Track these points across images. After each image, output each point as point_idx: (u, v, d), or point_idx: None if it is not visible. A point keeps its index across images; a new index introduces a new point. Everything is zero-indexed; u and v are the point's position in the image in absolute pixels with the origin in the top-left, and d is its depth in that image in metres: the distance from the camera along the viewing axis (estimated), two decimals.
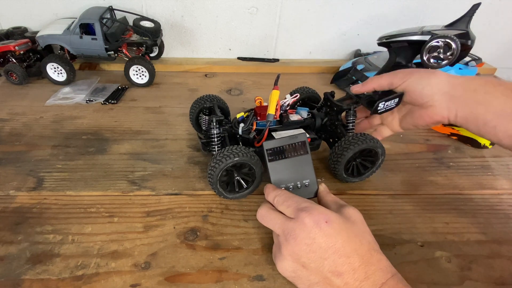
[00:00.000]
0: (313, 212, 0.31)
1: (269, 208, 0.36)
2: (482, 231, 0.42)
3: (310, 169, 0.40)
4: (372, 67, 0.75)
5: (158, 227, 0.41)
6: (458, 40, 0.51)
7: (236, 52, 0.93)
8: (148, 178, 0.49)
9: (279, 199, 0.35)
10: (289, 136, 0.39)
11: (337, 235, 0.30)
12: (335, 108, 0.49)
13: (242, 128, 0.46)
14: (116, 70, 0.84)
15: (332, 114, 0.50)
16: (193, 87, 0.78)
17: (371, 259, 0.30)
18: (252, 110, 0.48)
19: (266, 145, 0.39)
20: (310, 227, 0.30)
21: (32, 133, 0.58)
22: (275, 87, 0.43)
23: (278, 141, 0.39)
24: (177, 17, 0.85)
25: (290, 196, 0.35)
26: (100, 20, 0.69)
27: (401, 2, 0.86)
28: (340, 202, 0.36)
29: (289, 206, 0.33)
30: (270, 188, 0.37)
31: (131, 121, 0.63)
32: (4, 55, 0.74)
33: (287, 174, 0.39)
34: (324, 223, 0.30)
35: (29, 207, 0.43)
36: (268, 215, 0.35)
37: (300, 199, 0.34)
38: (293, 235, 0.31)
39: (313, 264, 0.30)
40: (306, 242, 0.30)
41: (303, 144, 0.39)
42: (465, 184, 0.50)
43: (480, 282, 0.36)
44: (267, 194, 0.37)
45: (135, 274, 0.35)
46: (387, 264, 0.30)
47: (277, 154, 0.39)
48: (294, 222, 0.32)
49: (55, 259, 0.36)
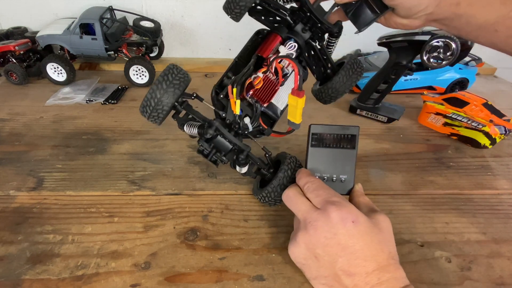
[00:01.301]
0: (342, 209, 0.30)
1: (298, 191, 0.34)
2: (482, 231, 0.42)
3: (351, 165, 0.37)
4: (372, 67, 0.75)
5: (158, 227, 0.41)
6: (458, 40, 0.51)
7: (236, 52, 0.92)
8: (148, 178, 0.49)
9: (310, 185, 0.34)
10: (340, 126, 0.37)
11: (359, 237, 0.29)
12: (323, 28, 0.39)
13: (251, 125, 0.38)
14: (116, 70, 0.84)
15: (315, 33, 0.40)
16: (193, 87, 0.78)
17: (388, 267, 0.29)
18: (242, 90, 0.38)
19: (313, 128, 0.36)
20: (334, 222, 0.29)
21: (32, 133, 0.58)
22: (301, 93, 0.33)
23: (327, 128, 0.37)
24: (177, 17, 0.85)
25: (323, 186, 0.34)
26: (100, 20, 0.69)
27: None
28: (373, 206, 0.35)
29: (318, 196, 0.32)
30: (304, 173, 0.36)
31: (131, 121, 0.63)
32: (4, 55, 0.74)
33: (326, 164, 0.37)
34: (350, 222, 0.29)
35: (29, 207, 0.43)
36: (294, 198, 0.34)
37: (332, 191, 0.33)
38: (314, 225, 0.30)
39: (327, 257, 0.29)
40: (325, 236, 0.30)
41: (353, 138, 0.37)
42: (465, 184, 0.50)
43: (480, 282, 0.36)
44: (299, 178, 0.36)
45: (135, 274, 0.35)
46: (402, 275, 0.29)
47: (322, 140, 0.37)
48: (319, 213, 0.31)
49: (55, 259, 0.36)
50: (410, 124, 0.64)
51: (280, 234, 0.40)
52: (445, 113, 0.59)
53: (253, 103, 0.38)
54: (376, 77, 0.63)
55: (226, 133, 0.36)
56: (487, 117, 0.57)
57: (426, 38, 0.53)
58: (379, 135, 0.61)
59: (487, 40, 0.38)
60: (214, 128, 0.36)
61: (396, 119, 0.64)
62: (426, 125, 0.63)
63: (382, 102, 0.66)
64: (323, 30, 0.40)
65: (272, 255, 0.38)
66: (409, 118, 0.66)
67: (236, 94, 0.35)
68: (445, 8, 0.37)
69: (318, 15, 0.39)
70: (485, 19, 0.36)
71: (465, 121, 0.57)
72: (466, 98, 0.61)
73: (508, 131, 0.56)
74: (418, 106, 0.69)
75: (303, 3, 0.38)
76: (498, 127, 0.55)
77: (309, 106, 0.45)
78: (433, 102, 0.62)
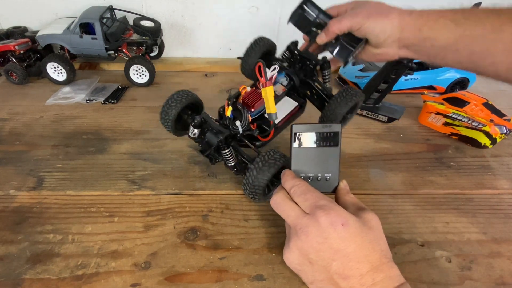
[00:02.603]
0: (330, 212, 0.30)
1: (285, 196, 0.34)
2: (482, 231, 0.42)
3: (335, 163, 0.37)
4: (372, 67, 0.75)
5: (158, 226, 0.41)
6: None
7: (236, 52, 0.92)
8: (148, 177, 0.49)
9: (297, 189, 0.34)
10: (322, 124, 0.37)
11: (351, 239, 0.29)
12: (310, 64, 0.47)
13: (242, 127, 0.43)
14: (116, 70, 0.84)
15: (307, 70, 0.47)
16: (193, 87, 0.78)
17: (381, 266, 0.29)
18: (235, 100, 0.43)
19: (295, 128, 0.36)
20: (324, 227, 0.30)
21: (32, 133, 0.58)
22: (268, 83, 0.39)
23: (309, 127, 0.36)
24: (177, 17, 0.85)
25: (309, 189, 0.33)
26: (100, 20, 0.69)
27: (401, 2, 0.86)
28: (360, 204, 0.35)
29: (306, 200, 0.32)
30: (289, 175, 0.36)
31: (131, 120, 0.63)
32: (4, 54, 0.74)
33: (310, 163, 0.37)
34: (340, 225, 0.29)
35: (29, 206, 0.43)
36: (283, 204, 0.34)
37: (319, 194, 0.33)
38: (305, 231, 0.30)
39: (321, 262, 0.30)
40: (317, 241, 0.30)
41: (336, 135, 0.37)
42: (465, 184, 0.50)
43: (480, 282, 0.36)
44: (284, 181, 0.36)
45: (135, 273, 0.35)
46: (396, 273, 0.29)
47: (304, 140, 0.37)
48: (308, 219, 0.31)
49: (55, 258, 0.36)
50: (410, 124, 0.64)
51: (280, 234, 0.40)
52: (446, 112, 0.59)
53: (241, 109, 0.43)
54: (376, 77, 0.63)
55: (210, 120, 0.43)
56: (488, 116, 0.57)
57: None
58: (379, 135, 0.61)
59: (453, 60, 0.40)
60: (201, 116, 0.43)
61: (396, 119, 0.64)
62: (426, 125, 0.63)
63: (383, 102, 0.66)
64: (313, 64, 0.47)
65: (272, 255, 0.38)
66: (410, 118, 0.66)
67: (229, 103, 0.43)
68: (410, 34, 0.41)
69: (305, 54, 0.47)
70: (446, 40, 0.39)
71: (465, 121, 0.57)
72: (467, 98, 0.61)
73: (509, 130, 0.56)
74: (418, 106, 0.69)
75: (292, 51, 0.48)
76: (498, 126, 0.55)
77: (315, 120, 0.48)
78: (433, 102, 0.62)
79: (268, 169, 0.38)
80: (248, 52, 0.49)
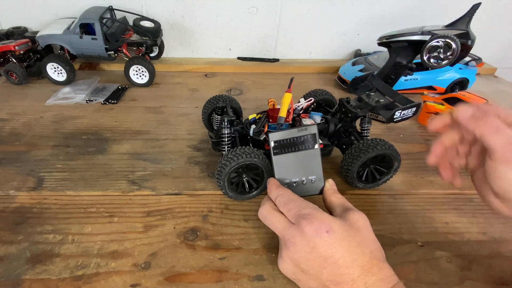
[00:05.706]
0: (314, 221, 0.30)
1: (271, 208, 0.35)
2: (482, 231, 0.42)
3: (317, 165, 0.37)
4: (372, 67, 0.75)
5: (158, 227, 0.41)
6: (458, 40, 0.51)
7: (236, 52, 0.93)
8: (148, 178, 0.49)
9: (281, 199, 0.34)
10: (298, 128, 0.37)
11: (337, 245, 0.29)
12: (350, 115, 0.48)
13: (253, 130, 0.45)
14: (116, 70, 0.84)
15: (347, 121, 0.49)
16: (193, 87, 0.78)
17: (372, 269, 0.29)
18: (265, 112, 0.47)
19: (272, 136, 0.36)
20: (310, 236, 0.30)
21: (32, 133, 0.58)
22: (288, 90, 0.41)
23: (285, 133, 0.36)
24: (177, 17, 0.85)
25: (292, 198, 0.34)
26: (100, 20, 0.69)
27: (401, 2, 0.86)
28: (347, 204, 0.35)
29: (290, 210, 0.33)
30: (273, 185, 0.36)
31: (131, 121, 0.63)
32: (4, 55, 0.74)
33: (293, 168, 0.37)
34: (324, 233, 0.29)
35: (29, 207, 0.43)
36: (269, 216, 0.34)
37: (302, 202, 0.33)
38: (292, 241, 0.31)
39: (312, 271, 0.30)
40: (305, 250, 0.30)
41: (313, 137, 0.37)
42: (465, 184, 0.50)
43: (480, 282, 0.36)
44: (269, 191, 0.36)
45: (135, 274, 0.35)
46: (389, 274, 0.29)
47: (284, 147, 0.37)
48: (294, 229, 0.31)
49: (55, 259, 0.36)
50: (410, 124, 0.64)
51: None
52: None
53: (263, 117, 0.47)
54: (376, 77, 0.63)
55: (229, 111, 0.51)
56: None
57: (426, 38, 0.53)
58: (379, 135, 0.61)
59: None
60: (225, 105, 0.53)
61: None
62: (426, 125, 0.63)
63: None
64: (352, 117, 0.49)
65: (272, 255, 0.38)
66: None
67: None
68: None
69: (349, 107, 0.48)
70: None
71: None
72: (466, 98, 0.61)
73: None
74: None
75: (341, 105, 0.50)
76: None
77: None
78: (433, 102, 0.62)
79: (235, 159, 0.40)
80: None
